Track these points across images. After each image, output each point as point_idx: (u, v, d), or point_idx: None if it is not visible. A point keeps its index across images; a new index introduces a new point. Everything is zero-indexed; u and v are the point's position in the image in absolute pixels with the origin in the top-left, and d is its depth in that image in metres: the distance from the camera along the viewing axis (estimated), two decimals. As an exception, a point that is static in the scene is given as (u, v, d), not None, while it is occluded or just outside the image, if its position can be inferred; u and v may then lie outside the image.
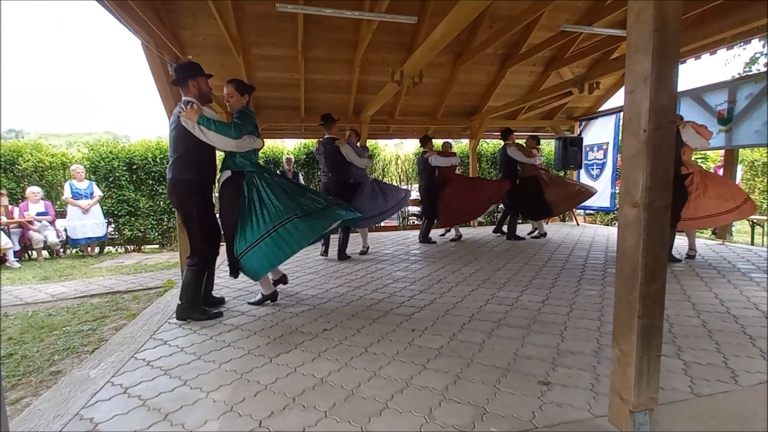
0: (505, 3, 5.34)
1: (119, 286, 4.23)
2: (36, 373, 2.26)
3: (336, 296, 3.39)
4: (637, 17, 1.33)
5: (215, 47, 5.38)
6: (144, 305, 3.47)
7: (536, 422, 1.58)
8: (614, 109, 7.75)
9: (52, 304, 3.65)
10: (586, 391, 1.79)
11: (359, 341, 2.42)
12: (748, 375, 1.90)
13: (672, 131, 1.35)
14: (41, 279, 4.80)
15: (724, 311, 2.79)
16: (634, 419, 1.42)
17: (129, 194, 7.06)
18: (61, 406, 1.80)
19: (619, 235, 1.46)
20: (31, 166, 6.72)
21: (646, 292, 1.36)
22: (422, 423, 1.59)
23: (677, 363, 2.04)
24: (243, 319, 2.87)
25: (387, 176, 9.22)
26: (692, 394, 1.76)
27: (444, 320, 2.75)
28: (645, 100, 1.31)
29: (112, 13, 3.05)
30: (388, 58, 6.16)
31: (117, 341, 2.57)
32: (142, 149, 7.17)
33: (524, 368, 2.02)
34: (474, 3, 2.92)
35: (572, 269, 4.17)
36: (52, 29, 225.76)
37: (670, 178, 1.36)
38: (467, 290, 3.48)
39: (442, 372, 2.00)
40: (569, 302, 3.07)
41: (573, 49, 6.56)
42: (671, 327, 2.51)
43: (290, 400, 1.77)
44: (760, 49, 4.19)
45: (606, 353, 2.15)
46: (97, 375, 2.08)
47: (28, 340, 2.76)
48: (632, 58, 1.36)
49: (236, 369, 2.09)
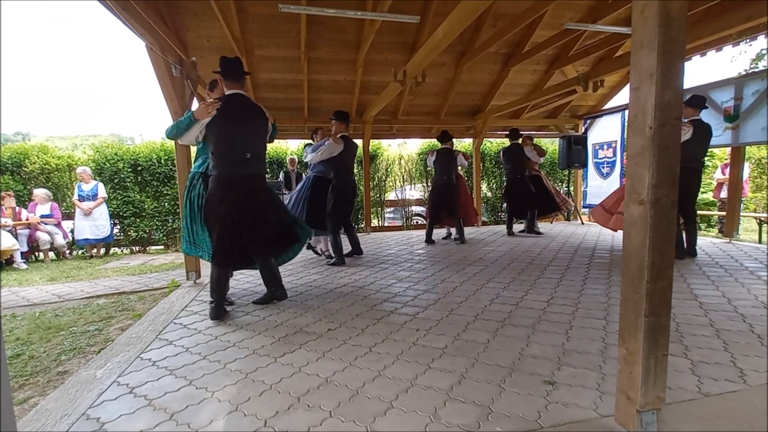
0: (508, 2, 5.32)
1: (125, 286, 4.25)
2: (43, 374, 2.28)
3: (340, 296, 3.39)
4: (641, 13, 1.32)
5: (219, 49, 5.39)
6: (149, 306, 3.48)
7: (542, 422, 1.57)
8: (619, 107, 7.70)
9: (58, 304, 3.68)
10: (592, 391, 1.78)
11: (364, 341, 2.42)
12: (757, 374, 1.88)
13: (678, 128, 1.34)
14: (48, 280, 4.84)
15: (731, 310, 2.76)
16: (641, 419, 1.41)
17: (134, 195, 7.09)
18: (68, 406, 1.81)
19: (624, 233, 1.44)
20: (37, 169, 6.78)
21: (653, 291, 1.35)
22: (427, 423, 1.58)
23: (684, 362, 2.02)
24: (248, 320, 2.87)
25: (390, 176, 9.22)
26: (700, 393, 1.74)
27: (448, 320, 2.74)
28: (650, 96, 1.30)
29: (116, 15, 3.07)
30: (391, 58, 6.16)
31: (123, 341, 2.59)
32: (146, 151, 7.20)
33: (529, 368, 2.01)
34: (476, 2, 2.91)
35: (577, 268, 4.15)
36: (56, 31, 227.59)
37: (676, 175, 1.35)
38: (471, 290, 3.47)
39: (446, 371, 1.99)
40: (574, 301, 3.05)
41: (577, 47, 6.53)
42: (678, 326, 2.49)
43: (295, 400, 1.78)
44: (766, 46, 4.15)
45: (612, 352, 2.13)
46: (104, 375, 2.10)
47: (36, 340, 2.78)
48: (637, 54, 1.34)
49: (241, 369, 2.10)
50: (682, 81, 1.32)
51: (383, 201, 9.16)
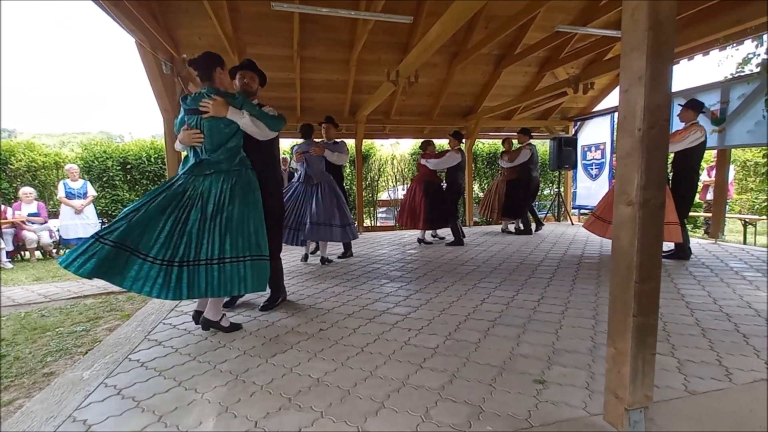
0: (501, 3, 5.35)
1: (113, 286, 4.19)
2: (29, 375, 2.24)
3: (332, 296, 3.38)
4: (631, 16, 1.33)
5: (211, 47, 5.33)
6: (138, 306, 3.44)
7: (532, 421, 1.58)
8: (608, 109, 7.80)
9: (44, 304, 3.62)
10: (582, 390, 1.80)
11: (355, 341, 2.42)
12: (742, 373, 1.92)
13: (667, 130, 1.36)
14: (34, 279, 4.75)
15: (717, 309, 2.81)
16: (629, 417, 1.43)
17: (123, 194, 7.01)
18: (54, 408, 1.78)
19: (614, 234, 1.46)
20: (23, 166, 6.66)
21: (641, 291, 1.37)
22: (418, 422, 1.59)
23: (671, 361, 2.05)
24: (238, 320, 2.85)
25: (383, 176, 9.22)
26: (687, 392, 1.77)
27: (440, 319, 2.75)
28: (640, 98, 1.32)
29: (107, 12, 3.03)
30: (384, 57, 6.16)
31: (111, 342, 2.55)
32: (136, 149, 7.12)
33: (520, 367, 2.02)
34: (469, 3, 2.92)
35: (567, 268, 4.19)
36: (46, 27, 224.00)
37: (664, 176, 1.37)
38: (463, 289, 3.48)
39: (438, 371, 2.00)
40: (564, 301, 3.08)
41: (567, 50, 6.59)
42: (665, 325, 2.52)
43: (286, 401, 1.77)
44: (753, 50, 4.23)
45: (601, 351, 2.16)
46: (91, 376, 2.06)
47: (21, 341, 2.73)
48: (627, 56, 1.36)
49: (231, 369, 2.08)
50: (671, 84, 1.34)
51: (376, 201, 9.15)
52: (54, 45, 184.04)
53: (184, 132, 2.50)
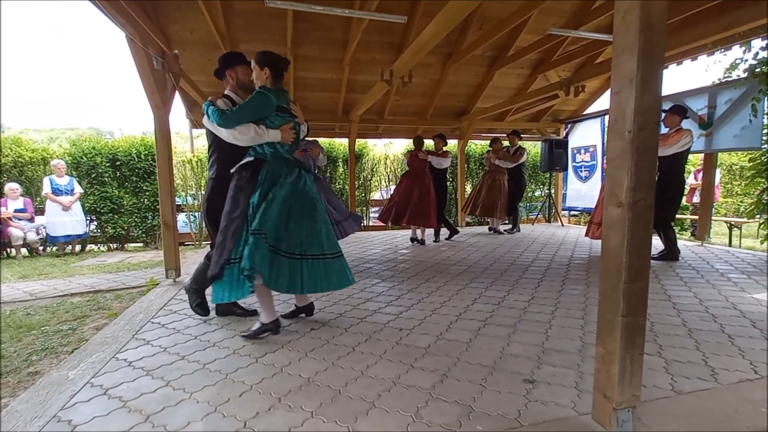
0: (494, 4, 5.39)
1: (101, 284, 4.13)
2: (13, 374, 2.19)
3: (323, 295, 3.36)
4: (623, 18, 1.34)
5: (203, 43, 5.30)
6: (126, 304, 3.39)
7: (522, 420, 1.59)
8: (599, 112, 7.88)
9: (30, 303, 3.55)
10: (571, 389, 1.81)
11: (346, 340, 2.41)
12: (728, 373, 1.95)
13: (657, 132, 1.37)
14: (20, 277, 4.66)
15: (703, 310, 2.86)
16: (617, 417, 1.44)
17: (112, 191, 6.90)
18: (38, 408, 1.74)
19: (603, 235, 1.47)
20: (10, 162, 6.52)
21: (630, 291, 1.38)
22: (409, 422, 1.59)
23: (658, 361, 2.08)
24: (228, 319, 2.83)
25: (376, 176, 9.22)
26: (673, 391, 1.79)
27: (431, 319, 2.75)
28: (630, 100, 1.33)
29: (96, 5, 2.97)
30: (378, 57, 6.16)
31: (98, 341, 2.51)
32: (125, 145, 7.01)
33: (510, 367, 2.04)
34: (463, 3, 2.93)
35: (557, 269, 4.23)
36: (33, 21, 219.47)
37: (653, 178, 1.38)
38: (454, 289, 3.49)
39: (429, 371, 2.00)
40: (554, 301, 3.11)
41: (559, 53, 6.65)
42: (652, 326, 2.56)
43: (276, 401, 1.75)
44: (741, 56, 4.31)
45: (590, 351, 2.18)
46: (77, 376, 2.03)
47: (5, 339, 2.67)
48: (618, 59, 1.37)
49: (221, 369, 2.06)
50: (661, 86, 1.35)
51: (368, 200, 9.15)
52: (42, 39, 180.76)
53: (288, 129, 2.53)
